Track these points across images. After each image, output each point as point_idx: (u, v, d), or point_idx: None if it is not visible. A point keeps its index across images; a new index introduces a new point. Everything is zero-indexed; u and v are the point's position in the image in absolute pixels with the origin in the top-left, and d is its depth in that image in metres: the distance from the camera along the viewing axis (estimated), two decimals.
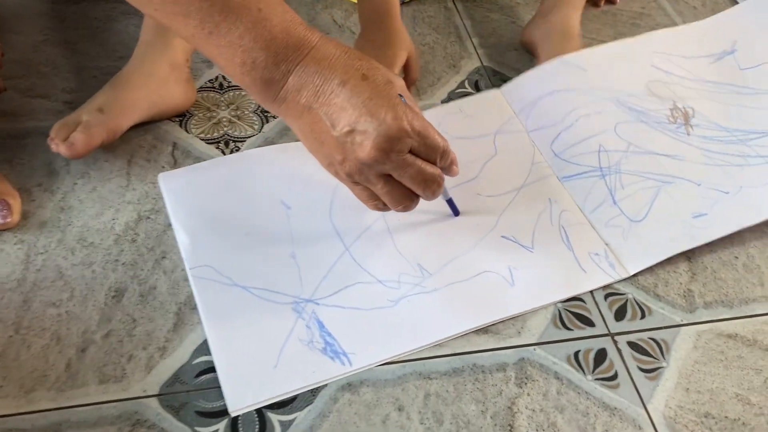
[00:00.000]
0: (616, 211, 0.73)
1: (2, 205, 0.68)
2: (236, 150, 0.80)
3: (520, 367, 0.64)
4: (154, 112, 0.78)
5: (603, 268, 0.70)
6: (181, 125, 0.82)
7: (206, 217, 0.71)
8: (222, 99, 0.85)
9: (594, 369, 0.65)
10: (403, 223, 0.72)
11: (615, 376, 0.64)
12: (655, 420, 0.62)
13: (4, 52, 0.86)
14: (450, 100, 0.90)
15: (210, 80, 0.88)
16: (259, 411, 0.59)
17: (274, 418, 0.59)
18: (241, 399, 0.59)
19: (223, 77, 0.88)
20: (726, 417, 0.62)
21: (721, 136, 0.79)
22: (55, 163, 0.76)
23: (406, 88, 0.61)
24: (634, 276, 0.71)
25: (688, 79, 0.84)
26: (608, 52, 0.84)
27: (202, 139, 0.81)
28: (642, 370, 0.65)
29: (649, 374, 0.65)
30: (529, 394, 0.62)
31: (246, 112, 0.84)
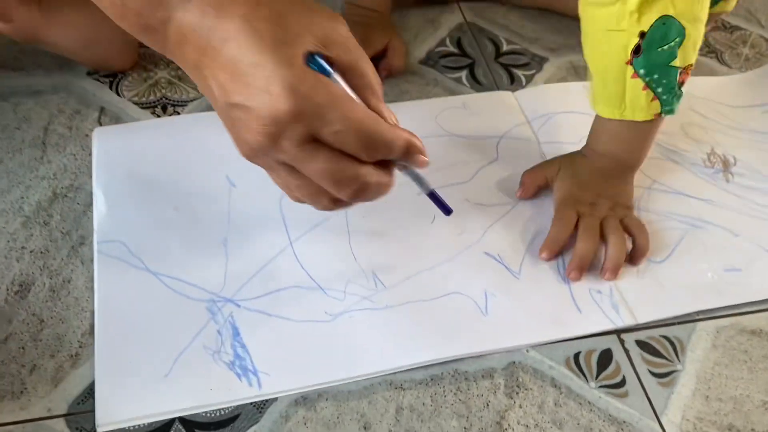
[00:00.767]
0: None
1: None
2: (176, 115, 0.68)
3: (511, 372, 0.54)
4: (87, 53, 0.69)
5: (604, 310, 0.58)
6: (111, 87, 0.70)
7: (133, 184, 0.61)
8: (160, 56, 0.73)
9: (598, 374, 0.55)
10: (369, 221, 0.61)
11: (623, 383, 0.54)
12: None
13: None
14: (428, 61, 0.79)
15: None
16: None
17: None
18: (112, 413, 0.48)
19: None
20: (753, 430, 0.53)
21: None
22: None
23: (346, 42, 0.43)
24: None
25: (732, 128, 0.76)
26: None
27: (136, 103, 0.69)
28: (654, 374, 0.55)
29: (662, 379, 0.55)
30: (521, 406, 0.52)
31: None
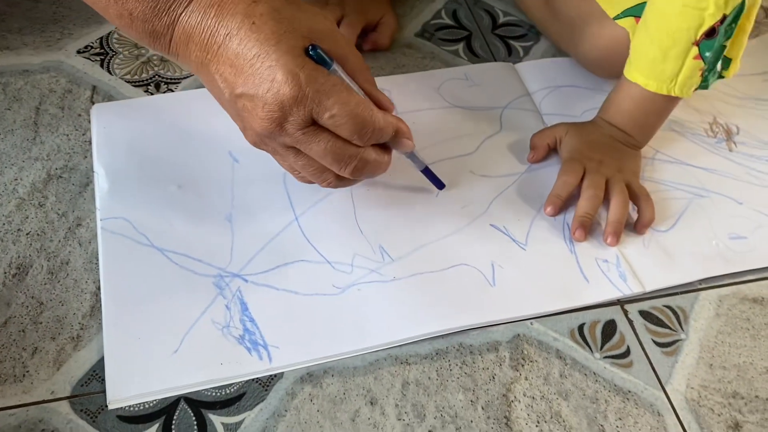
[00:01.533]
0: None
1: None
2: (170, 93, 0.66)
3: (515, 345, 0.54)
4: None
5: (611, 279, 0.58)
6: (102, 65, 0.68)
7: (135, 161, 0.60)
8: None
9: (602, 345, 0.55)
10: (373, 194, 0.60)
11: (627, 353, 0.54)
12: (675, 404, 0.52)
13: None
14: (425, 34, 0.77)
15: None
16: (197, 411, 0.48)
17: (217, 421, 0.48)
18: (123, 388, 0.48)
19: None
20: (757, 396, 0.53)
21: None
22: None
23: (336, 36, 0.47)
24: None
25: (734, 97, 0.75)
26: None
27: (128, 81, 0.67)
28: (658, 344, 0.55)
29: (666, 349, 0.55)
30: (527, 378, 0.52)
31: None
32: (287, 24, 0.44)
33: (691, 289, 0.59)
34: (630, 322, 0.56)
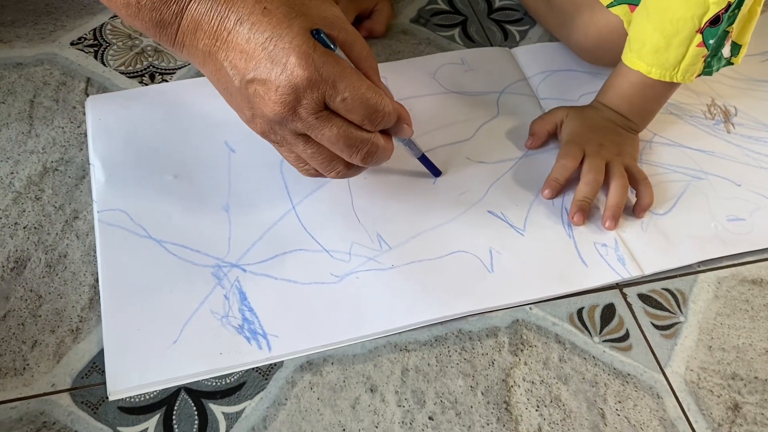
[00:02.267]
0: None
1: None
2: (165, 83, 0.66)
3: (514, 330, 0.54)
4: None
5: (610, 263, 0.58)
6: (96, 56, 0.68)
7: (130, 152, 0.60)
8: None
9: (601, 329, 0.55)
10: (369, 182, 0.60)
11: (626, 336, 0.54)
12: (675, 386, 0.52)
13: None
14: (420, 20, 0.77)
15: None
16: (197, 401, 0.48)
17: (217, 410, 0.48)
18: (123, 379, 0.48)
19: None
20: (756, 377, 0.53)
21: None
22: None
23: (344, 23, 0.47)
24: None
25: (732, 78, 0.75)
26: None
27: (123, 73, 0.67)
28: (657, 327, 0.55)
29: (665, 332, 0.55)
30: (526, 363, 0.52)
31: None
32: (298, 8, 0.44)
33: (690, 271, 0.59)
34: (629, 305, 0.56)
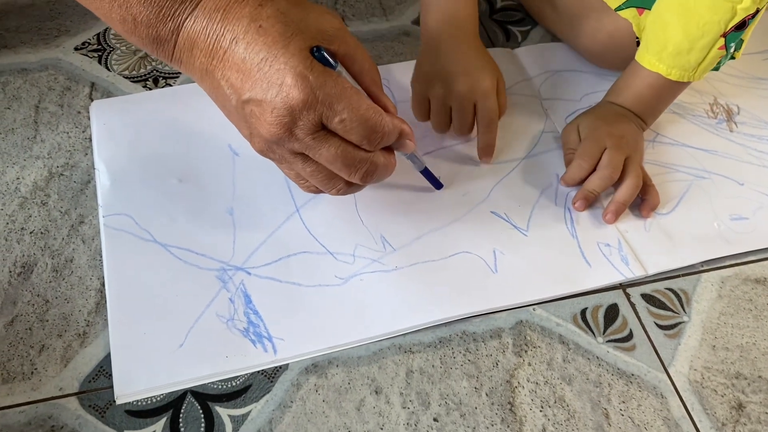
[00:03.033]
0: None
1: None
2: (168, 87, 0.66)
3: (518, 331, 0.54)
4: None
5: (613, 263, 0.58)
6: (100, 61, 0.68)
7: (135, 157, 0.61)
8: None
9: (605, 329, 0.55)
10: (374, 185, 0.60)
11: (630, 336, 0.55)
12: (679, 386, 0.52)
13: None
14: None
15: None
16: (204, 404, 0.48)
17: (224, 413, 0.48)
18: (131, 383, 0.48)
19: None
20: (760, 377, 0.53)
21: None
22: None
23: (344, 35, 0.46)
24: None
25: (734, 77, 0.75)
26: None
27: (126, 77, 0.67)
28: (660, 327, 0.55)
29: (668, 331, 0.55)
30: (530, 364, 0.52)
31: None
32: (295, 26, 0.43)
33: (693, 271, 0.59)
34: (632, 305, 0.57)
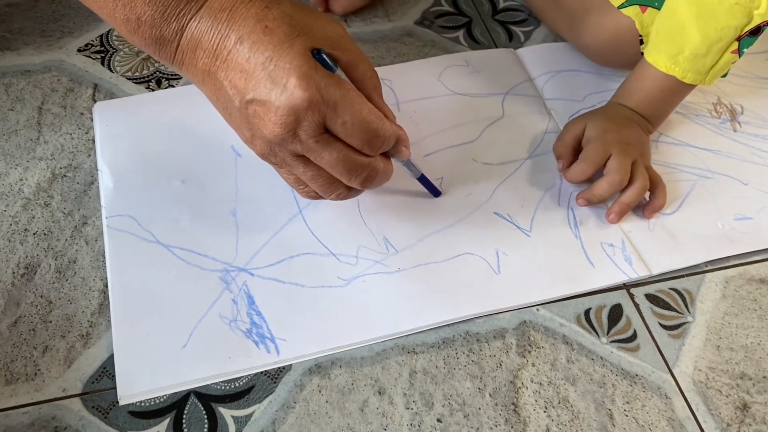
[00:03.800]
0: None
1: None
2: (171, 88, 0.66)
3: (522, 332, 0.54)
4: None
5: (617, 263, 0.58)
6: (103, 62, 0.69)
7: (138, 158, 0.61)
8: None
9: (609, 329, 0.55)
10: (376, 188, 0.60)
11: (634, 337, 0.54)
12: (683, 386, 0.52)
13: None
14: (424, 22, 0.77)
15: None
16: (207, 405, 0.48)
17: (227, 414, 0.48)
18: (134, 383, 0.48)
19: None
20: (765, 377, 0.53)
21: None
22: None
23: (348, 43, 0.46)
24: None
25: (739, 76, 0.74)
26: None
27: (129, 79, 0.67)
28: (664, 327, 0.55)
29: (672, 332, 0.55)
30: (534, 365, 0.52)
31: None
32: (300, 28, 0.43)
33: (697, 271, 0.59)
34: (636, 305, 0.56)
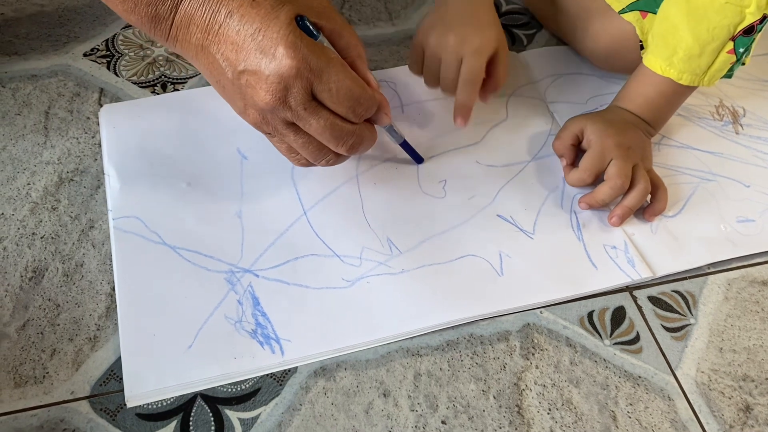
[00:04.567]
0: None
1: None
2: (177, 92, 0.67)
3: (525, 334, 0.54)
4: None
5: (619, 265, 0.58)
6: (108, 67, 0.69)
7: (144, 160, 0.61)
8: None
9: (612, 332, 0.55)
10: (380, 188, 0.61)
11: (637, 339, 0.55)
12: (686, 388, 0.52)
13: None
14: None
15: None
16: (214, 407, 0.49)
17: (233, 416, 0.49)
18: (140, 384, 0.49)
19: None
20: (767, 379, 0.53)
21: None
22: None
23: (332, 13, 0.48)
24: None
25: (741, 78, 0.75)
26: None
27: (135, 83, 0.68)
28: (667, 329, 0.56)
29: (675, 334, 0.55)
30: (537, 367, 0.52)
31: None
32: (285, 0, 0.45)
33: (700, 273, 0.59)
34: (639, 308, 0.57)
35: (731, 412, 0.52)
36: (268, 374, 0.51)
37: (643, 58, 0.62)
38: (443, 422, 0.50)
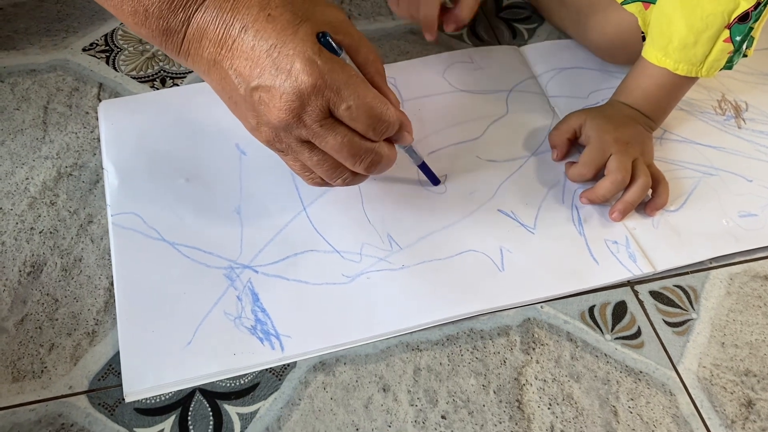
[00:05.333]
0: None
1: None
2: (176, 87, 0.67)
3: (526, 329, 0.54)
4: None
5: (621, 260, 0.58)
6: (108, 62, 0.69)
7: (143, 156, 0.61)
8: None
9: (613, 326, 0.55)
10: (379, 183, 0.61)
11: (638, 334, 0.54)
12: (687, 383, 0.52)
13: None
14: None
15: None
16: (212, 403, 0.48)
17: (232, 411, 0.48)
18: (139, 380, 0.49)
19: None
20: None
21: None
22: None
23: (349, 27, 0.47)
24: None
25: (743, 72, 0.74)
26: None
27: (134, 78, 0.68)
28: (669, 324, 0.55)
29: (677, 329, 0.55)
30: (538, 362, 0.52)
31: None
32: (303, 14, 0.44)
33: (702, 268, 0.59)
34: (640, 302, 0.56)
35: (733, 407, 0.51)
36: (267, 369, 0.50)
37: (642, 49, 0.62)
38: (443, 417, 0.49)
